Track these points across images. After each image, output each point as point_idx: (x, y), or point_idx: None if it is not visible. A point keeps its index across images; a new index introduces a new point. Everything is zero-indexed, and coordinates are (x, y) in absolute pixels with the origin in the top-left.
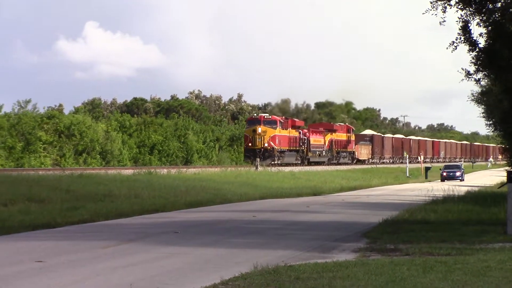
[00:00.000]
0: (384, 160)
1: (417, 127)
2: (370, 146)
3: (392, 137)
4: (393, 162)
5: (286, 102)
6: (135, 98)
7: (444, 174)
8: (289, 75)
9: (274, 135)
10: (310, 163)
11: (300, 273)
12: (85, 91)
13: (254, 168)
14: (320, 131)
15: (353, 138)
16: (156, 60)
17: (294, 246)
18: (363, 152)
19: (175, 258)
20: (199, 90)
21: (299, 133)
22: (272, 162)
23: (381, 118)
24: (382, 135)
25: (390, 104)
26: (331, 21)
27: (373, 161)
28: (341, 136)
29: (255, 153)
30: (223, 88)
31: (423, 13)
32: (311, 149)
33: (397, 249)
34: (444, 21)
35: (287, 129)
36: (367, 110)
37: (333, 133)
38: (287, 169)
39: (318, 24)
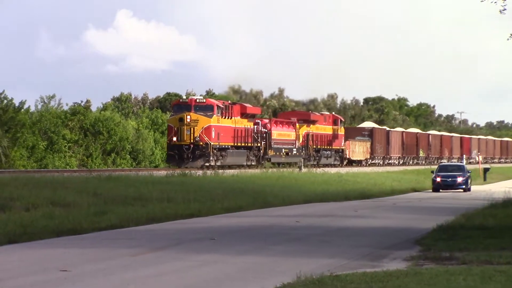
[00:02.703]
0: (391, 161)
1: (474, 125)
2: (369, 143)
3: (403, 131)
4: (404, 163)
5: (332, 97)
6: (168, 93)
7: (438, 179)
8: (335, 69)
9: (210, 126)
10: (274, 165)
11: (347, 283)
12: (115, 86)
13: (298, 169)
14: (290, 122)
15: (341, 131)
16: (192, 52)
17: (341, 254)
18: (357, 150)
19: (211, 267)
20: (238, 85)
21: (255, 124)
22: (206, 164)
23: (436, 115)
24: (388, 129)
25: (446, 100)
26: (381, 12)
27: (373, 162)
28: (324, 129)
29: (181, 151)
30: (264, 82)
31: (482, 1)
32: (274, 145)
33: (452, 257)
34: (505, 9)
35: (231, 118)
36: (420, 106)
37: (311, 125)
38: (333, 170)
39: (368, 15)
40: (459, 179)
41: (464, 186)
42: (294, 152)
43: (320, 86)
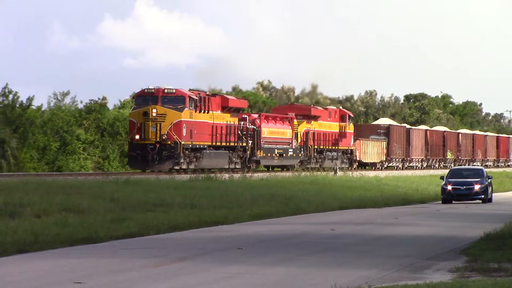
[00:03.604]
0: (412, 164)
1: None
2: (385, 143)
3: (427, 129)
4: (429, 167)
5: (371, 94)
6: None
7: (449, 188)
8: (373, 65)
9: (180, 122)
10: (265, 168)
11: None
12: (134, 82)
13: (333, 172)
14: (285, 118)
15: (350, 129)
16: (219, 45)
17: (380, 265)
18: (369, 150)
19: (239, 279)
20: (268, 81)
21: (241, 119)
22: (176, 167)
23: (483, 113)
24: (409, 127)
25: (494, 97)
26: (423, 2)
27: (390, 165)
28: (328, 126)
29: (145, 152)
30: (296, 78)
31: None
32: (264, 145)
33: (501, 268)
34: None
35: (208, 112)
36: (466, 104)
37: (312, 121)
38: (371, 173)
39: (408, 5)
40: (477, 187)
41: (483, 196)
42: (290, 153)
43: (357, 82)
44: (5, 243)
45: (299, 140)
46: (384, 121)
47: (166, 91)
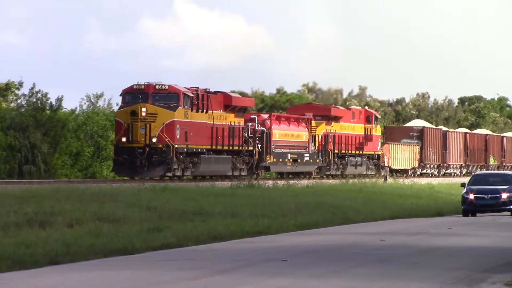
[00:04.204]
0: (449, 171)
1: None
2: (418, 147)
3: (466, 132)
4: (469, 174)
5: (423, 96)
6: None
7: (471, 197)
8: (425, 66)
9: (173, 122)
10: (280, 175)
11: None
12: (173, 83)
13: (382, 179)
14: (301, 119)
15: (377, 132)
16: (262, 45)
17: (433, 278)
18: (400, 156)
19: None
20: (313, 82)
21: (249, 120)
22: (168, 174)
23: None
24: (446, 129)
25: None
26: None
27: (424, 171)
28: (352, 128)
29: (133, 156)
30: (345, 80)
31: None
32: (274, 149)
33: None
34: None
35: (207, 112)
36: None
37: (333, 123)
38: (423, 181)
39: (463, 7)
40: (504, 196)
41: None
42: (306, 158)
43: (408, 84)
44: (35, 254)
45: (317, 144)
46: (417, 123)
47: (157, 87)
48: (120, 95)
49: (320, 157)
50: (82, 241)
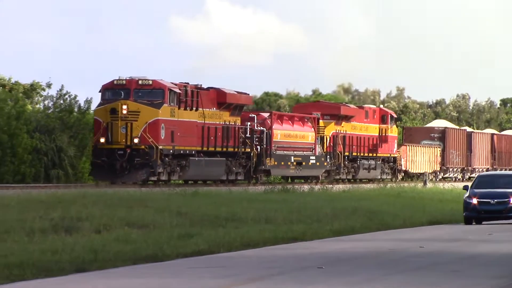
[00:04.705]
0: (474, 175)
1: None
2: (439, 149)
3: (493, 134)
4: None
5: (464, 97)
6: (266, 93)
7: (474, 201)
8: (466, 66)
9: (157, 121)
10: (281, 179)
11: None
12: (204, 83)
13: (422, 183)
14: (306, 118)
15: (393, 132)
16: (297, 44)
17: (473, 286)
18: (418, 159)
19: None
20: (349, 83)
21: (247, 119)
22: (152, 178)
23: None
24: (470, 130)
25: None
26: None
27: (446, 176)
28: (364, 128)
29: (113, 158)
30: (382, 80)
31: None
32: (276, 151)
33: None
34: None
35: (197, 110)
36: None
37: (343, 123)
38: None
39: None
40: None
41: None
42: (312, 161)
43: (448, 85)
44: (62, 261)
45: (325, 146)
46: (439, 123)
47: (140, 82)
48: (99, 91)
49: (328, 160)
50: (110, 248)
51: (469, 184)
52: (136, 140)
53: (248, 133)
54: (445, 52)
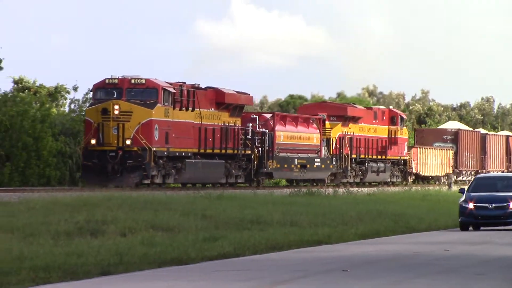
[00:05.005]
0: None
1: None
2: (452, 152)
3: (508, 135)
4: None
5: (488, 100)
6: (291, 96)
7: (470, 206)
8: (491, 67)
9: (150, 121)
10: (290, 183)
11: None
12: (229, 86)
13: (447, 187)
14: (311, 119)
15: (403, 134)
16: (322, 46)
17: None
18: (430, 161)
19: None
20: (374, 85)
21: (248, 120)
22: (145, 182)
23: None
24: (484, 132)
25: None
26: None
27: (460, 179)
28: (373, 130)
29: (104, 161)
30: (406, 83)
31: None
32: (278, 153)
33: None
34: None
35: (193, 110)
36: None
37: (350, 124)
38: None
39: None
40: None
41: None
42: (317, 163)
43: (473, 88)
44: (87, 264)
45: (332, 148)
46: (452, 125)
47: (133, 81)
48: (90, 91)
49: (334, 163)
50: (135, 251)
51: (466, 187)
52: (128, 142)
53: (249, 135)
54: (470, 54)
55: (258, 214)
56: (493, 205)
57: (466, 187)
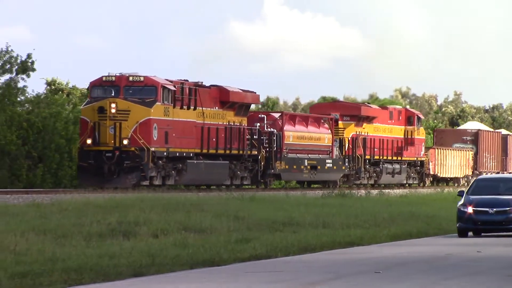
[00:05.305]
0: None
1: None
2: (471, 153)
3: None
4: None
5: None
6: (323, 98)
7: (469, 210)
8: None
9: (149, 121)
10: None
11: None
12: (260, 88)
13: None
14: (322, 119)
15: (420, 135)
16: (355, 48)
17: None
18: (448, 162)
19: None
20: (407, 87)
21: (255, 119)
22: (144, 183)
23: None
24: (506, 133)
25: None
26: None
27: None
28: (388, 130)
29: (100, 161)
30: (439, 85)
31: None
32: (287, 154)
33: None
34: None
35: (195, 108)
36: None
37: (364, 124)
38: None
39: None
40: None
41: None
42: (329, 165)
43: (506, 89)
44: (119, 266)
45: (345, 148)
46: (472, 125)
47: (131, 79)
48: (87, 89)
49: (346, 164)
50: (167, 252)
51: (465, 189)
52: (125, 142)
53: (255, 135)
54: (503, 56)
55: (290, 215)
56: (494, 209)
57: (465, 189)
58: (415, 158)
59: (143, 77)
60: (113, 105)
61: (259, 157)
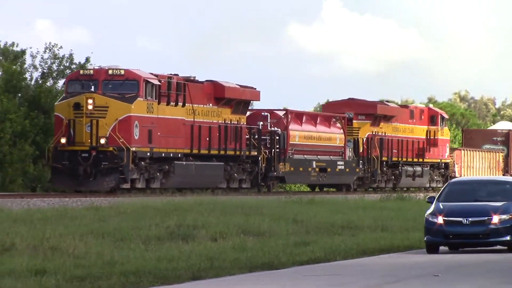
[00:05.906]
0: None
1: None
2: (502, 155)
3: None
4: None
5: None
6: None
7: (439, 221)
8: None
9: (129, 117)
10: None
11: None
12: (319, 91)
13: None
14: (333, 117)
15: (444, 135)
16: (415, 50)
17: None
18: (476, 165)
19: None
20: (466, 91)
21: (258, 118)
22: (124, 186)
23: None
24: None
25: None
26: None
27: None
28: (409, 130)
29: (76, 162)
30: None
31: None
32: (292, 155)
33: None
34: None
35: (183, 105)
36: None
37: (381, 123)
38: None
39: None
40: (496, 219)
41: (508, 238)
42: (340, 167)
43: None
44: (178, 269)
45: (360, 149)
46: (503, 125)
47: (110, 72)
48: (63, 83)
49: (360, 166)
50: (226, 256)
51: (436, 195)
52: (103, 141)
53: (255, 134)
54: None
55: (348, 219)
56: (469, 219)
57: (436, 195)
58: (439, 160)
59: (123, 70)
60: (90, 101)
61: (259, 158)
